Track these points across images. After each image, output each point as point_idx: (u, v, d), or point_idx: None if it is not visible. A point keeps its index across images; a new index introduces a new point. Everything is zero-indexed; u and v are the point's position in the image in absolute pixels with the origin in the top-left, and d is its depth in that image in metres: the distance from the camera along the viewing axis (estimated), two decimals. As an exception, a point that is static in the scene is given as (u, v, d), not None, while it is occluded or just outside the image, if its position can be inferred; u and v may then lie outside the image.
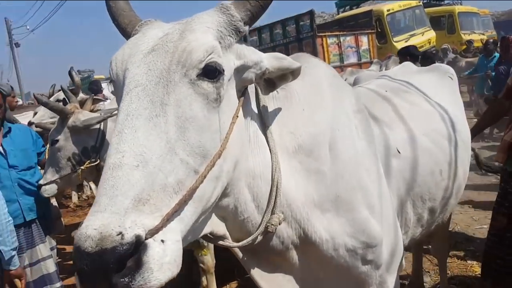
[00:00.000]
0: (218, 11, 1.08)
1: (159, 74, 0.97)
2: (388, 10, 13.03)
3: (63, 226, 4.28)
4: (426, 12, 14.42)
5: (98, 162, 2.80)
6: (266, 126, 1.25)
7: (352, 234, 1.33)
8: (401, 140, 1.78)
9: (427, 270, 3.43)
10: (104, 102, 4.63)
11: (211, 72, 0.99)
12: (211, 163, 0.97)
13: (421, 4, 14.20)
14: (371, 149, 1.50)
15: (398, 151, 1.71)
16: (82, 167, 2.77)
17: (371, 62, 9.68)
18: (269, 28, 11.42)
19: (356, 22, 12.25)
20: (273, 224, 1.19)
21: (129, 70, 1.01)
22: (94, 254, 0.77)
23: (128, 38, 1.14)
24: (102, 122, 2.83)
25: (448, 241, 3.06)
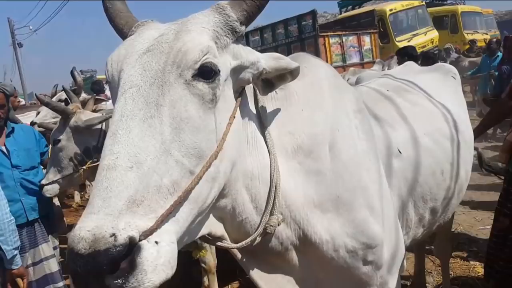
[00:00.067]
0: (214, 11, 1.07)
1: (154, 75, 0.96)
2: (390, 10, 12.98)
3: (66, 226, 4.29)
4: (429, 11, 14.36)
5: (100, 162, 2.80)
6: (265, 127, 1.24)
7: (352, 234, 1.33)
8: (402, 140, 1.76)
9: (430, 271, 3.42)
10: (106, 102, 4.63)
11: (207, 72, 0.98)
12: (207, 164, 0.96)
13: (423, 3, 14.13)
14: (372, 149, 1.49)
15: (399, 151, 1.70)
16: (84, 167, 2.77)
17: (374, 62, 9.64)
18: (271, 28, 11.42)
19: (358, 22, 12.21)
20: (271, 225, 1.19)
21: (124, 71, 1.00)
22: (87, 256, 0.77)
23: (125, 39, 1.14)
24: (104, 122, 2.82)
25: (450, 241, 3.04)
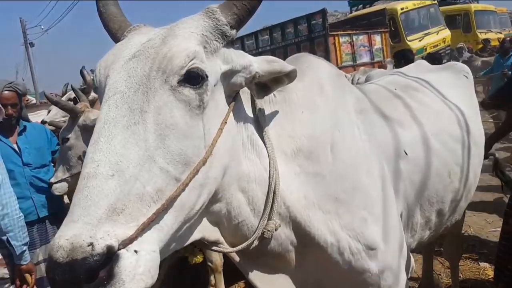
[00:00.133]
0: (204, 15, 1.06)
1: (139, 81, 0.95)
2: (402, 9, 12.81)
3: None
4: (441, 10, 14.16)
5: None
6: (263, 130, 1.22)
7: (353, 236, 1.31)
8: (408, 140, 1.73)
9: (438, 273, 3.38)
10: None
11: (193, 78, 0.97)
12: (194, 171, 0.95)
13: (436, 2, 13.94)
14: (374, 150, 1.47)
15: (405, 153, 1.67)
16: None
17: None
18: (280, 27, 11.39)
19: (369, 21, 12.11)
20: (269, 230, 1.17)
21: (109, 77, 0.99)
22: (65, 265, 0.77)
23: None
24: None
25: (460, 244, 3.00)
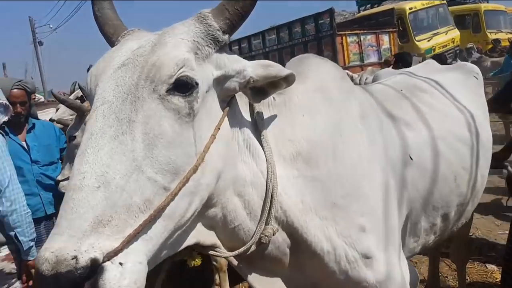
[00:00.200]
0: (196, 21, 1.04)
1: (127, 90, 0.94)
2: (410, 9, 12.72)
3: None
4: (450, 10, 14.03)
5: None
6: (261, 134, 1.20)
7: (347, 243, 1.29)
8: (413, 144, 1.68)
9: (445, 275, 3.35)
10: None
11: (183, 86, 0.95)
12: (184, 179, 0.94)
13: (445, 2, 13.81)
14: (377, 156, 1.43)
15: (410, 157, 1.63)
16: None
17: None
18: (287, 26, 11.37)
19: (377, 21, 12.05)
20: (266, 235, 1.16)
21: (99, 86, 0.98)
22: (50, 277, 0.77)
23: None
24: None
25: (468, 246, 2.97)
